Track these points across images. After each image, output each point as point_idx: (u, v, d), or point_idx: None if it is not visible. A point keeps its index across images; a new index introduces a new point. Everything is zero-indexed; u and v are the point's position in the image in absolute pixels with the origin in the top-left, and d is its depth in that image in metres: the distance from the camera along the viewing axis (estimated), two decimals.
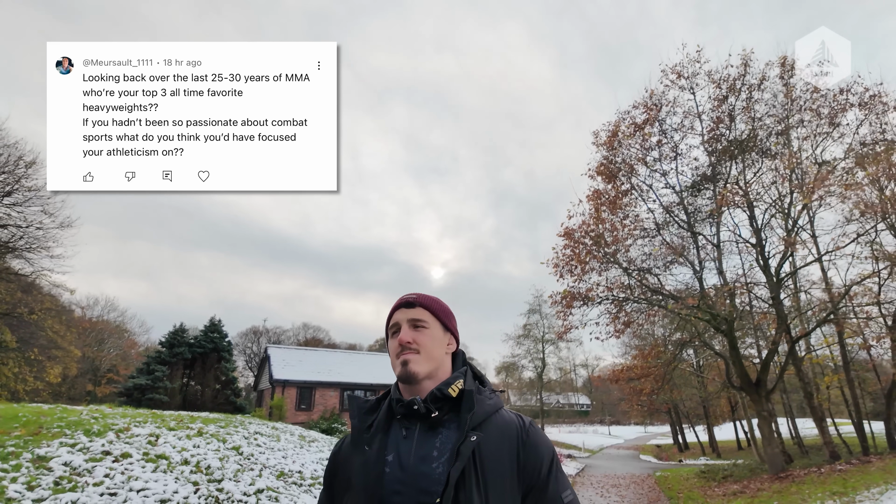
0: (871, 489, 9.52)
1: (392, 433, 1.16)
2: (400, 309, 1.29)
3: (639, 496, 13.19)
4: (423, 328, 1.25)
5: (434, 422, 1.14)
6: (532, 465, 1.13)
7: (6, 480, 4.00)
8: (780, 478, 13.28)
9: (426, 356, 1.21)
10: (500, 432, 1.14)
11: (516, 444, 1.14)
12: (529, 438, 1.16)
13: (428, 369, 1.20)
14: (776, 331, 13.90)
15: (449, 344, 1.30)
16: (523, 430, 1.17)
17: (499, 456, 1.10)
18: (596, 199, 16.12)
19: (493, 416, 1.17)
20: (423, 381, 1.20)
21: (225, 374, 25.68)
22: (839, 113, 14.27)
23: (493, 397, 1.23)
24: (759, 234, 15.47)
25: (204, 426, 7.05)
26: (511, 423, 1.18)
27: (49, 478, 4.25)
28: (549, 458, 1.16)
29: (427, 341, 1.23)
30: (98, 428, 5.63)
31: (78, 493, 4.12)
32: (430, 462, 1.08)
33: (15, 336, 24.80)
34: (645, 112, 15.41)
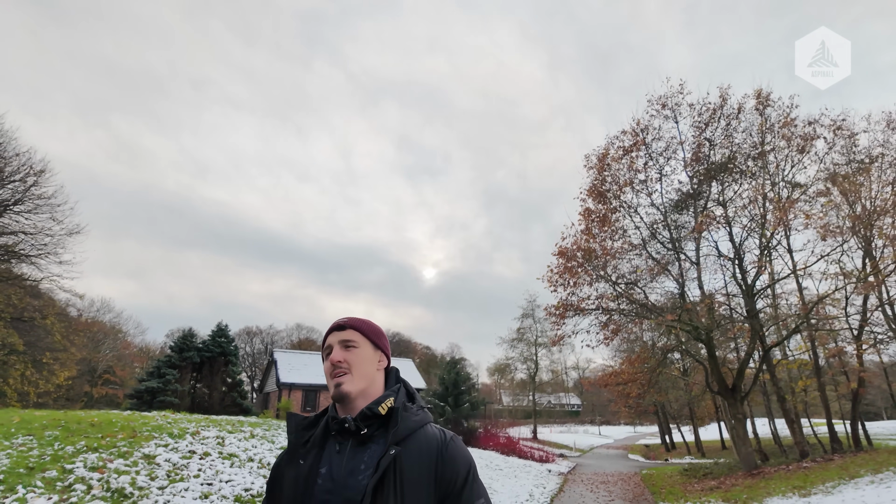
0: (826, 483, 10.86)
1: (327, 448, 1.25)
2: (332, 332, 1.37)
3: (625, 492, 14.46)
4: (354, 348, 1.33)
5: (364, 438, 1.23)
6: (448, 477, 1.20)
7: (131, 474, 5.18)
8: (753, 475, 14.65)
9: (357, 375, 1.30)
10: (422, 447, 1.22)
11: (435, 457, 1.22)
12: (448, 452, 1.23)
13: (359, 387, 1.29)
14: (750, 341, 15.27)
15: (380, 361, 1.39)
16: (443, 445, 1.24)
17: (418, 468, 1.18)
18: (587, 216, 17.45)
19: (417, 431, 1.25)
20: (356, 400, 1.28)
21: (232, 377, 26.75)
22: (809, 142, 15.65)
23: (420, 413, 1.31)
24: (737, 250, 16.85)
25: (253, 429, 8.24)
26: (433, 437, 1.26)
27: (161, 471, 5.41)
28: (465, 471, 1.24)
29: (357, 360, 1.31)
30: (177, 431, 6.80)
31: (187, 483, 5.29)
32: (357, 475, 1.17)
33: (22, 340, 25.55)
34: (632, 138, 16.75)
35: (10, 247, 23.72)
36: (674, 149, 16.90)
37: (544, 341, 41.15)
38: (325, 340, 1.37)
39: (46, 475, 4.74)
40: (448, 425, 23.81)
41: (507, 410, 58.91)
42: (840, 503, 9.06)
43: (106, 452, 5.56)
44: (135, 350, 57.87)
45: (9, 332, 23.64)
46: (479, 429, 25.01)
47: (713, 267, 18.25)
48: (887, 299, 17.22)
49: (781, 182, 17.00)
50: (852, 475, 11.02)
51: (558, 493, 13.86)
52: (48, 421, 6.24)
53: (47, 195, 24.41)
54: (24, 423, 6.02)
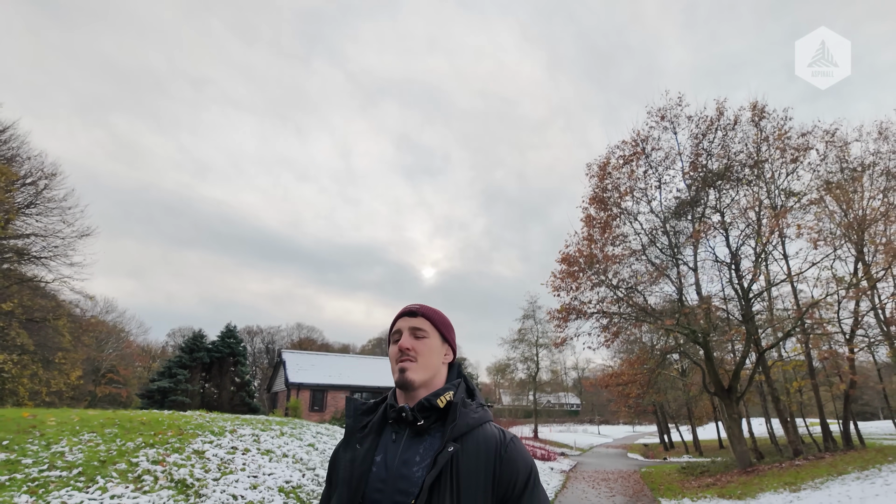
0: (815, 480, 11.52)
1: (384, 436, 1.25)
2: (403, 317, 1.35)
3: (625, 488, 15.10)
4: (423, 337, 1.31)
5: (420, 429, 1.22)
6: (507, 479, 1.17)
7: (186, 468, 5.81)
8: (748, 472, 15.31)
9: (423, 364, 1.28)
10: (480, 445, 1.19)
11: (494, 457, 1.18)
12: (507, 454, 1.20)
13: (423, 377, 1.27)
14: (745, 344, 15.93)
15: (446, 354, 1.37)
16: (502, 446, 1.21)
17: (475, 468, 1.15)
18: (589, 222, 18.10)
19: (476, 429, 1.22)
20: (418, 389, 1.26)
21: (240, 376, 27.38)
22: (802, 153, 16.30)
23: (479, 411, 1.27)
24: (734, 255, 17.48)
25: (281, 428, 8.87)
26: (492, 437, 1.22)
27: (212, 464, 6.03)
28: (525, 474, 1.20)
29: (425, 350, 1.29)
30: (217, 429, 7.42)
31: (236, 476, 5.91)
32: (412, 466, 1.15)
33: (33, 340, 26.09)
34: (632, 148, 17.39)
35: (21, 249, 24.23)
36: (672, 158, 17.56)
37: (545, 342, 41.83)
38: (394, 324, 1.37)
39: (117, 467, 5.37)
40: None
41: (507, 410, 59.61)
42: (827, 497, 9.72)
43: (161, 448, 6.19)
44: (137, 349, 58.28)
45: (19, 332, 24.18)
46: None
47: (711, 271, 18.95)
48: (879, 304, 17.85)
49: (777, 190, 17.66)
50: (840, 472, 11.67)
51: (562, 490, 14.50)
52: (104, 420, 6.87)
53: (58, 198, 24.96)
54: (83, 422, 6.65)
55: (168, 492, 5.10)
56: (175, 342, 63.16)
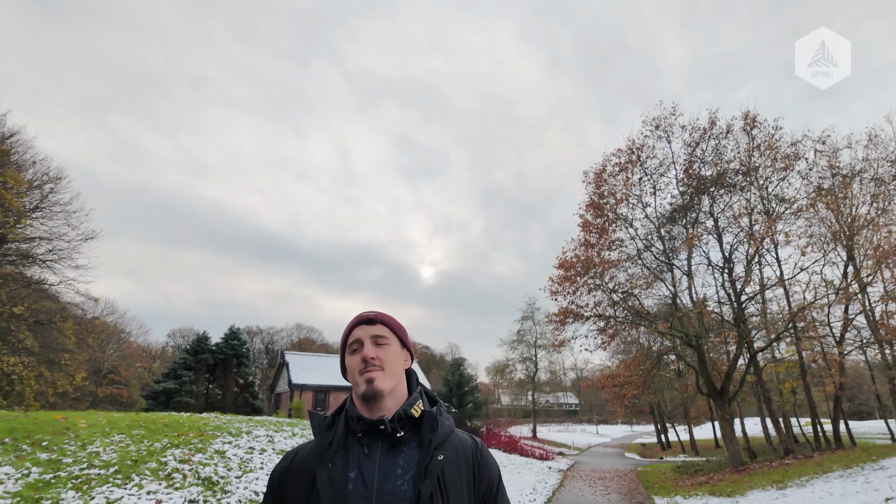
0: (801, 478, 12.01)
1: (351, 450, 1.19)
2: (360, 325, 1.31)
3: (621, 486, 15.59)
4: (385, 345, 1.28)
5: (396, 441, 1.18)
6: (485, 481, 1.24)
7: (211, 467, 6.29)
8: (739, 470, 15.82)
9: (389, 372, 1.25)
10: (458, 452, 1.22)
11: (472, 462, 1.23)
12: (483, 458, 1.26)
13: (391, 385, 1.24)
14: (737, 346, 16.43)
15: (406, 360, 1.35)
16: (477, 451, 1.26)
17: (458, 473, 1.19)
18: (586, 228, 18.60)
19: (450, 436, 1.24)
20: (385, 399, 1.22)
21: (244, 378, 27.85)
22: (792, 161, 16.80)
23: (449, 418, 1.29)
24: (727, 259, 17.99)
25: (293, 429, 9.36)
26: (466, 443, 1.26)
27: (233, 463, 6.52)
28: (497, 475, 1.28)
29: (389, 358, 1.26)
30: (234, 430, 7.90)
31: (256, 473, 6.40)
32: (395, 480, 1.12)
33: (38, 342, 26.49)
34: (628, 156, 17.89)
35: (27, 252, 24.63)
36: (667, 166, 18.05)
37: (544, 343, 42.36)
38: (351, 333, 1.31)
39: (148, 466, 5.85)
40: None
41: (506, 410, 60.10)
42: (810, 494, 10.21)
43: (186, 448, 6.67)
44: (137, 350, 58.55)
45: (26, 335, 24.58)
46: (482, 428, 26.14)
47: (705, 275, 19.41)
48: (869, 307, 18.35)
49: (769, 196, 18.15)
50: (825, 470, 12.16)
51: (559, 488, 14.99)
52: (130, 422, 7.34)
53: (63, 202, 25.37)
54: (111, 424, 7.12)
55: (197, 488, 5.58)
56: (175, 343, 63.48)
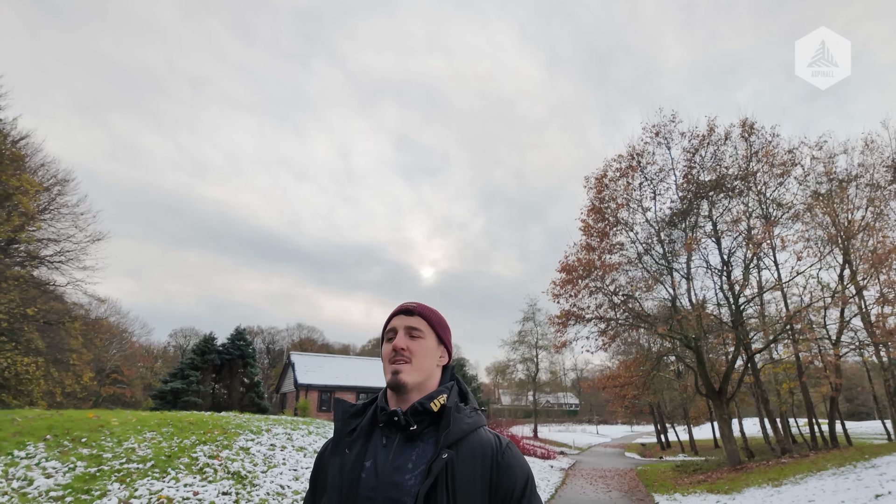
0: (796, 476, 12.43)
1: (374, 440, 1.19)
2: (399, 315, 1.31)
3: (621, 485, 16.00)
4: (419, 338, 1.27)
5: (413, 434, 1.17)
6: (504, 487, 1.14)
7: (238, 462, 6.71)
8: (737, 469, 16.23)
9: (417, 366, 1.23)
10: (476, 452, 1.16)
11: (490, 464, 1.15)
12: (504, 460, 1.16)
13: (417, 380, 1.22)
14: (734, 348, 16.85)
15: (441, 356, 1.33)
16: (499, 452, 1.17)
17: (471, 476, 1.12)
18: (587, 231, 19.01)
19: (470, 434, 1.18)
20: (411, 392, 1.22)
21: (250, 378, 28.28)
22: (789, 167, 17.21)
23: (473, 415, 1.23)
24: (725, 263, 18.39)
25: (308, 427, 9.78)
26: (488, 443, 1.19)
27: (258, 459, 6.94)
28: (522, 482, 1.17)
29: (420, 351, 1.26)
30: (254, 428, 8.33)
31: (280, 469, 6.81)
32: (404, 473, 1.11)
33: (45, 342, 26.89)
34: (628, 161, 18.30)
35: (35, 253, 25.05)
36: (667, 171, 18.46)
37: (545, 344, 42.79)
38: (389, 322, 1.32)
39: (181, 461, 6.27)
40: None
41: (506, 410, 60.53)
42: (804, 491, 10.63)
43: (213, 445, 7.09)
44: (140, 350, 58.92)
45: (34, 335, 25.00)
46: None
47: (704, 278, 19.83)
48: (864, 309, 18.75)
49: (767, 200, 18.53)
50: (819, 469, 12.57)
51: (561, 486, 15.40)
52: (158, 420, 7.77)
53: (71, 203, 25.80)
54: (141, 422, 7.54)
55: (228, 482, 6.00)
56: (177, 343, 63.91)
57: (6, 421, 6.93)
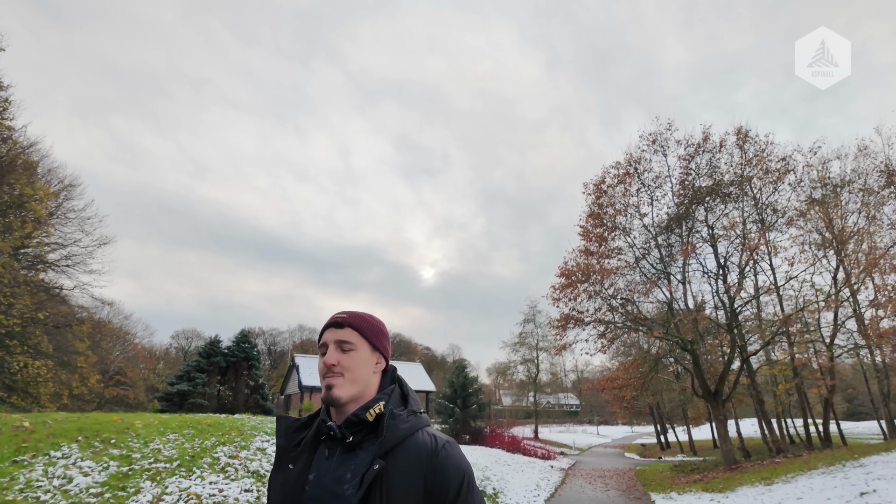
0: (787, 475, 12.86)
1: (318, 452, 1.21)
2: (329, 329, 1.30)
3: (619, 484, 16.42)
4: (351, 350, 1.26)
5: (352, 444, 1.19)
6: (438, 488, 1.15)
7: (256, 462, 7.15)
8: (732, 469, 16.66)
9: (350, 379, 1.24)
10: (411, 456, 1.16)
11: (424, 467, 1.16)
12: (437, 461, 1.17)
13: (351, 393, 1.23)
14: (730, 351, 17.28)
15: (377, 363, 1.33)
16: (433, 453, 1.18)
17: (406, 481, 1.13)
18: (586, 236, 19.46)
19: (406, 440, 1.19)
20: (347, 405, 1.23)
21: (254, 380, 28.70)
22: (782, 175, 17.66)
23: (411, 419, 1.23)
24: (721, 267, 18.81)
25: None
26: (423, 446, 1.19)
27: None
28: (457, 481, 1.17)
29: (352, 365, 1.25)
30: (269, 430, 8.78)
31: None
32: (343, 483, 1.13)
33: (53, 345, 27.33)
34: (626, 168, 18.75)
35: (41, 256, 25.52)
36: (663, 178, 18.90)
37: (545, 346, 43.21)
38: (322, 335, 1.32)
39: (205, 461, 6.72)
40: (457, 425, 25.74)
41: (507, 411, 60.93)
42: (794, 489, 11.06)
43: (231, 446, 7.53)
44: (142, 351, 59.35)
45: (42, 338, 25.43)
46: (486, 428, 26.95)
47: (700, 281, 20.31)
48: (858, 312, 19.19)
49: (762, 205, 18.95)
50: (810, 468, 13.00)
51: (561, 485, 15.83)
52: (179, 422, 8.21)
53: (78, 208, 26.28)
54: (163, 424, 7.98)
55: (249, 480, 6.44)
56: (179, 344, 64.34)
57: (39, 423, 7.38)
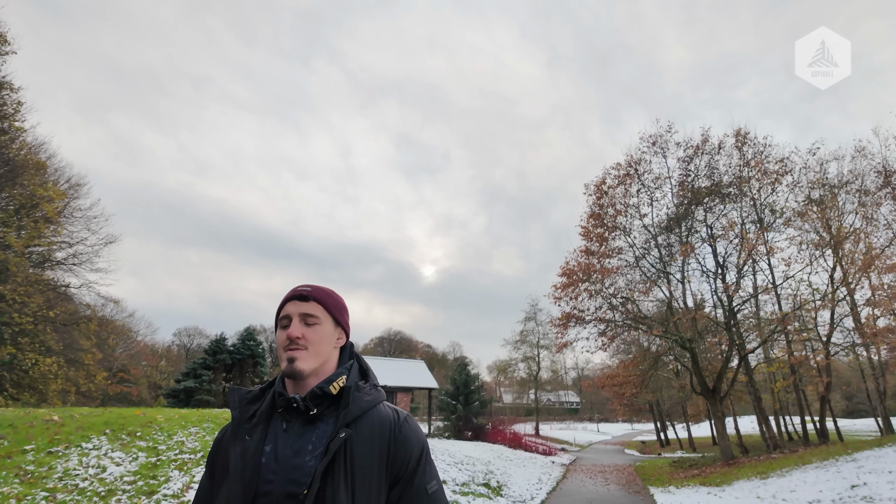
0: (783, 469, 13.23)
1: (273, 425, 1.20)
2: (293, 301, 1.28)
3: (619, 479, 16.79)
4: (315, 324, 1.26)
5: (313, 417, 1.19)
6: (401, 458, 1.19)
7: None
8: (729, 464, 17.05)
9: (314, 353, 1.24)
10: (374, 427, 1.20)
11: (388, 438, 1.20)
12: (401, 433, 1.21)
13: (314, 366, 1.23)
14: (727, 349, 17.64)
15: (339, 339, 1.33)
16: (396, 425, 1.22)
17: (369, 450, 1.16)
18: (587, 236, 19.81)
19: (369, 412, 1.22)
20: (308, 378, 1.23)
21: (259, 377, 29.11)
22: (780, 177, 17.98)
23: (373, 392, 1.27)
24: (720, 266, 19.14)
25: None
26: (386, 418, 1.23)
27: None
28: (417, 452, 1.22)
29: (316, 338, 1.25)
30: None
31: None
32: (304, 455, 1.13)
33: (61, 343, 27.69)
34: (626, 169, 19.09)
35: (47, 255, 25.91)
36: (663, 179, 19.23)
37: (546, 343, 43.60)
38: (283, 307, 1.29)
39: None
40: (460, 422, 26.14)
41: (508, 408, 61.35)
42: (787, 482, 11.44)
43: None
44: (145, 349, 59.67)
45: (50, 336, 25.80)
46: (487, 425, 27.34)
47: (700, 280, 20.65)
48: (854, 311, 19.51)
49: (760, 205, 19.25)
50: (805, 462, 13.37)
51: (562, 480, 16.22)
52: (198, 417, 8.60)
53: (84, 207, 26.66)
54: (183, 418, 8.37)
55: None
56: (181, 342, 64.73)
57: (67, 417, 7.77)
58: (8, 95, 19.34)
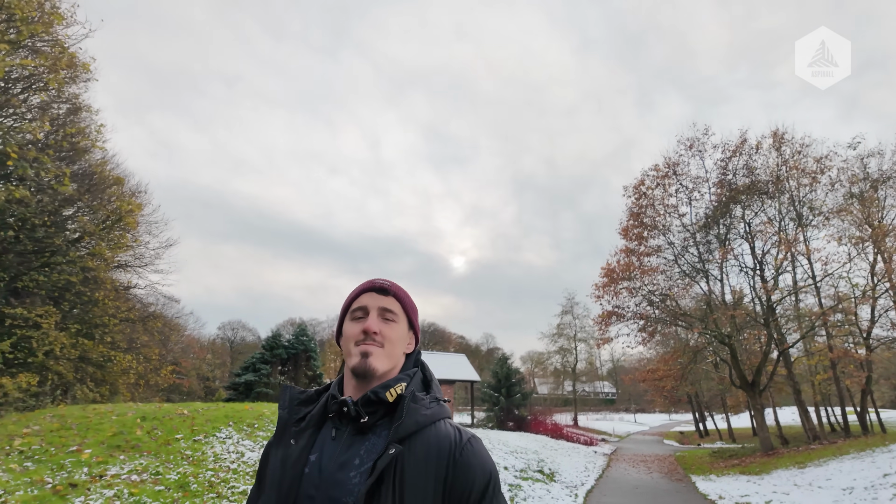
0: (820, 459, 13.95)
1: (323, 431, 1.08)
2: (370, 293, 1.19)
3: (661, 467, 17.72)
4: (392, 321, 1.16)
5: (364, 426, 1.05)
6: (460, 487, 1.02)
7: None
8: (769, 454, 17.75)
9: (388, 352, 1.12)
10: (430, 447, 1.03)
11: (446, 461, 1.02)
12: (462, 458, 1.04)
13: (387, 367, 1.12)
14: (766, 344, 18.26)
15: (409, 344, 1.23)
16: (457, 448, 1.04)
17: (423, 473, 1.00)
18: (626, 235, 20.61)
19: (426, 428, 1.06)
20: (374, 381, 1.10)
21: (312, 370, 30.98)
22: (819, 175, 18.36)
23: (433, 406, 1.11)
24: (758, 263, 19.66)
25: None
26: (445, 437, 1.06)
27: None
28: (482, 483, 1.04)
29: (394, 337, 1.15)
30: None
31: None
32: (349, 470, 1.00)
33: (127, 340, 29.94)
34: (664, 171, 19.76)
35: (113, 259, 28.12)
36: (701, 180, 19.83)
37: (584, 336, 44.34)
38: (357, 298, 1.19)
39: None
40: (502, 413, 27.33)
41: (543, 399, 62.28)
42: (823, 472, 12.22)
43: None
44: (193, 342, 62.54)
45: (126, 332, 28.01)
46: (528, 416, 28.47)
47: (738, 276, 21.15)
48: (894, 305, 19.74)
49: (799, 202, 19.59)
50: (842, 453, 14.03)
51: (607, 468, 17.25)
52: (270, 411, 10.06)
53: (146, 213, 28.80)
54: (252, 413, 9.84)
55: None
56: (225, 335, 67.80)
57: (192, 411, 9.29)
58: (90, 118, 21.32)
